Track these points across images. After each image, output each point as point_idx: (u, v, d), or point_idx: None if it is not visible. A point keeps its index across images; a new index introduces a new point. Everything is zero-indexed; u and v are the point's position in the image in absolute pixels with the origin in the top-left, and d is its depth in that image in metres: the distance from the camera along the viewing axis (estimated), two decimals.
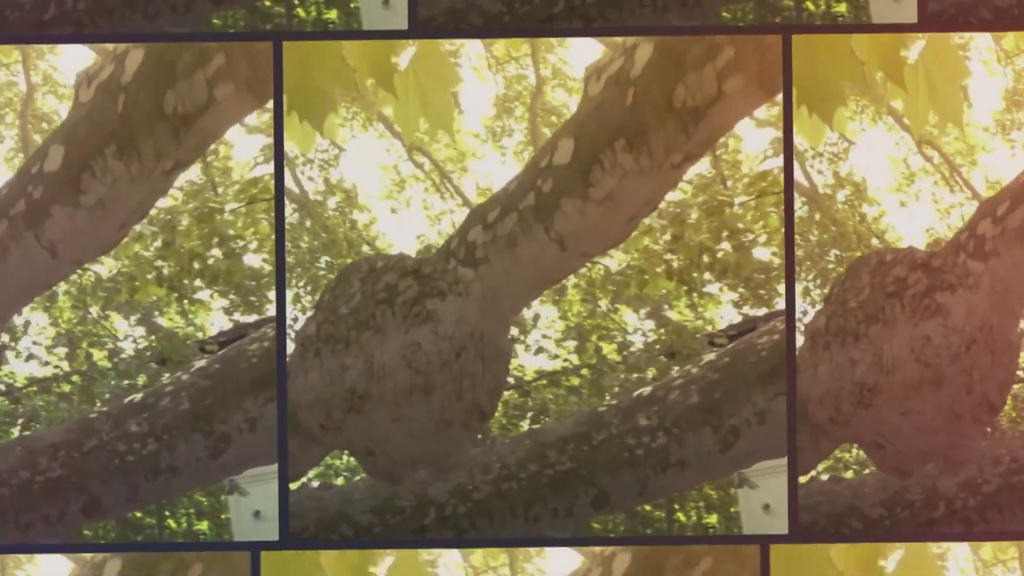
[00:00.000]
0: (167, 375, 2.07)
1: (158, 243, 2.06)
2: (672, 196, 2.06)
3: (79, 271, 2.06)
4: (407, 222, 2.06)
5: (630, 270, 2.06)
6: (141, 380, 2.07)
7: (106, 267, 2.06)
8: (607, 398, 2.09)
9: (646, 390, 2.08)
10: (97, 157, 2.06)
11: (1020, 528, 2.10)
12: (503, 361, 2.09)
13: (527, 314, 2.07)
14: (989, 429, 2.11)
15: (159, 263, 2.06)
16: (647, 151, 2.05)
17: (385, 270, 2.08)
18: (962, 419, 2.10)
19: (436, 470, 2.10)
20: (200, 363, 2.08)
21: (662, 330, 2.07)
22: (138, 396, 2.08)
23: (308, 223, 2.06)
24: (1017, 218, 2.07)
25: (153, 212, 2.06)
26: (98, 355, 2.06)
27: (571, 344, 2.07)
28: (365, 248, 2.06)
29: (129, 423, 2.08)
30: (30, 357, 2.06)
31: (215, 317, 2.07)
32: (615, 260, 2.06)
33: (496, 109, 2.05)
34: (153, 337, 2.07)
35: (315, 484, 2.08)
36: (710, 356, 2.09)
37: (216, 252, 2.07)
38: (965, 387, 2.10)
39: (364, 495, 2.09)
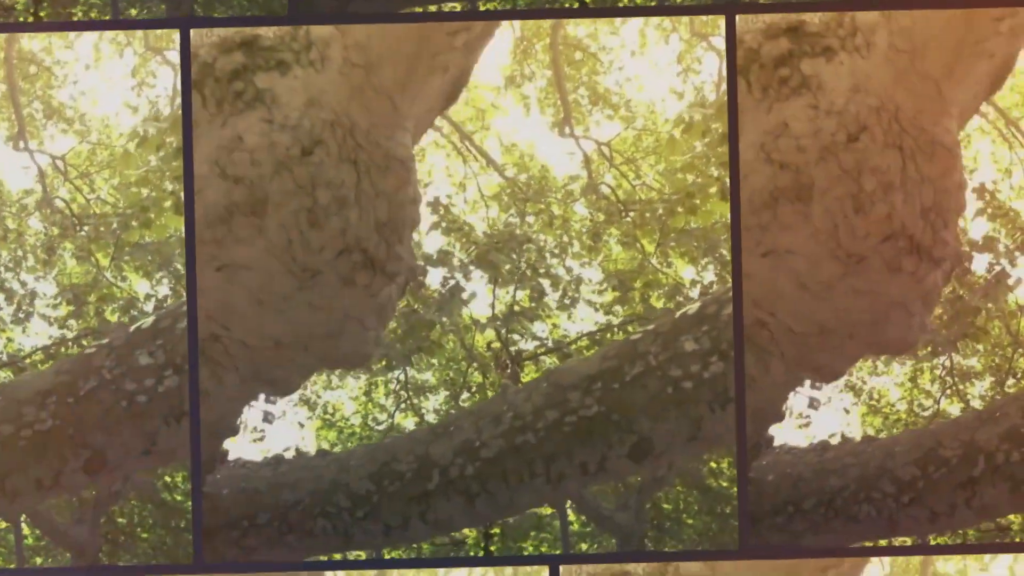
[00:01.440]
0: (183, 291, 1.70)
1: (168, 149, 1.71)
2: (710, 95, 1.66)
3: (84, 227, 1.77)
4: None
5: (675, 195, 1.66)
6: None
7: (109, 197, 1.76)
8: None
9: (692, 307, 1.64)
10: None
11: None
12: (397, 172, 1.53)
13: (565, 275, 1.66)
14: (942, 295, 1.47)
15: (174, 186, 1.75)
16: None
17: (209, 51, 1.57)
18: (866, 264, 1.46)
19: (323, 362, 1.56)
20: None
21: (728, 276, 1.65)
22: (147, 320, 1.76)
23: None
24: None
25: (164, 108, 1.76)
26: (112, 315, 1.80)
27: (617, 307, 1.67)
28: None
29: (137, 355, 1.76)
30: (28, 317, 1.79)
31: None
32: (655, 194, 1.66)
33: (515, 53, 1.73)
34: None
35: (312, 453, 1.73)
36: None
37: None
38: (852, 202, 1.45)
39: (361, 460, 1.72)
